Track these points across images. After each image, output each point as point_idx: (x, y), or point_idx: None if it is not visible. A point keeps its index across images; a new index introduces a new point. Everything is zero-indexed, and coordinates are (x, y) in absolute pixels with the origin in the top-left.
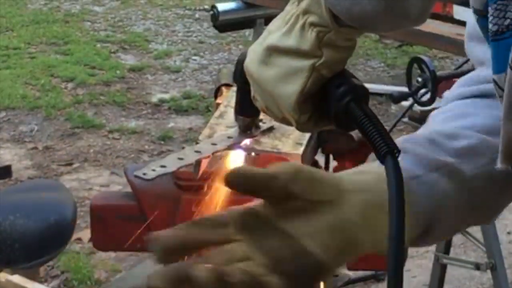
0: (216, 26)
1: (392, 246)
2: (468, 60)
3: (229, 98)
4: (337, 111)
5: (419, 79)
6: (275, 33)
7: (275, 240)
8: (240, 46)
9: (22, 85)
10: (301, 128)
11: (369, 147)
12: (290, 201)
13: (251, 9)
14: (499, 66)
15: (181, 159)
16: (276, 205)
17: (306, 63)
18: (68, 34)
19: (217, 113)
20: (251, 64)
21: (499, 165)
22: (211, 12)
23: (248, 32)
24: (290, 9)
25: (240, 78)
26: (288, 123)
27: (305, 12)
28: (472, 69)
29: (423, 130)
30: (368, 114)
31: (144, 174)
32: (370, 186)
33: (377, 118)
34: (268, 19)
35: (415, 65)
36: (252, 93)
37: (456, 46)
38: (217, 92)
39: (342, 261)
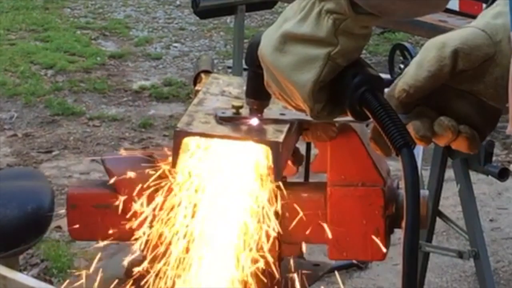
0: (196, 13)
1: (408, 235)
2: None
3: (208, 85)
4: (352, 101)
5: (402, 66)
6: (290, 20)
7: (458, 101)
8: (221, 33)
9: (1, 72)
10: (315, 116)
11: (349, 134)
12: (457, 76)
13: None
14: None
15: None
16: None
17: (322, 51)
18: (48, 21)
19: (196, 100)
20: (265, 50)
21: (509, 128)
22: None
23: (229, 18)
24: None
25: (252, 62)
26: (302, 111)
27: None
28: None
29: None
30: (384, 104)
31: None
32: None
33: (393, 109)
34: (249, 6)
35: (398, 52)
36: (265, 79)
37: (438, 33)
38: (196, 79)
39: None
